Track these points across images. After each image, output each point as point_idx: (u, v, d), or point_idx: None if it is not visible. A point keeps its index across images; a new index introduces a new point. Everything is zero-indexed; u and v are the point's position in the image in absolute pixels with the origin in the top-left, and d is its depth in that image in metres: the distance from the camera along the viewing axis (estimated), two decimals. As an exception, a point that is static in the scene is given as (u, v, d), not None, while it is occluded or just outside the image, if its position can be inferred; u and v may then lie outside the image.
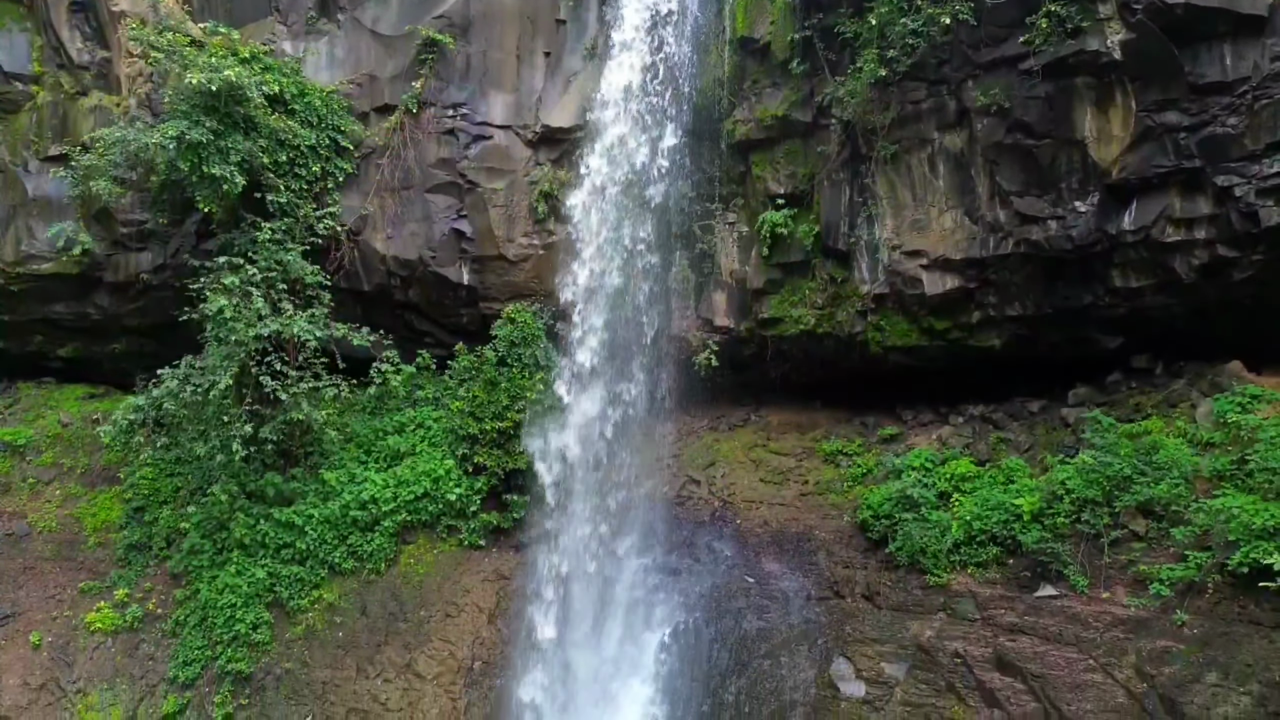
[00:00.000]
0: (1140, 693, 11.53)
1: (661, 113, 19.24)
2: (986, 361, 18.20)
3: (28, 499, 19.47)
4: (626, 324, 19.90)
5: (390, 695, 17.08)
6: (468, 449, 19.12)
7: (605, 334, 19.90)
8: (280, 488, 18.02)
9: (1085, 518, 13.69)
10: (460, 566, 18.71)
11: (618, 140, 19.58)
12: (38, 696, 16.60)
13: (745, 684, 15.74)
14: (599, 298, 19.89)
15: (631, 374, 19.80)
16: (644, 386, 19.83)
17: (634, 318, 19.93)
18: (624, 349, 19.95)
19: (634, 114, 19.48)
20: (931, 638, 14.79)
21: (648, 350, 19.83)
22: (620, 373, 19.93)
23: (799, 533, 18.01)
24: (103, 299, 20.90)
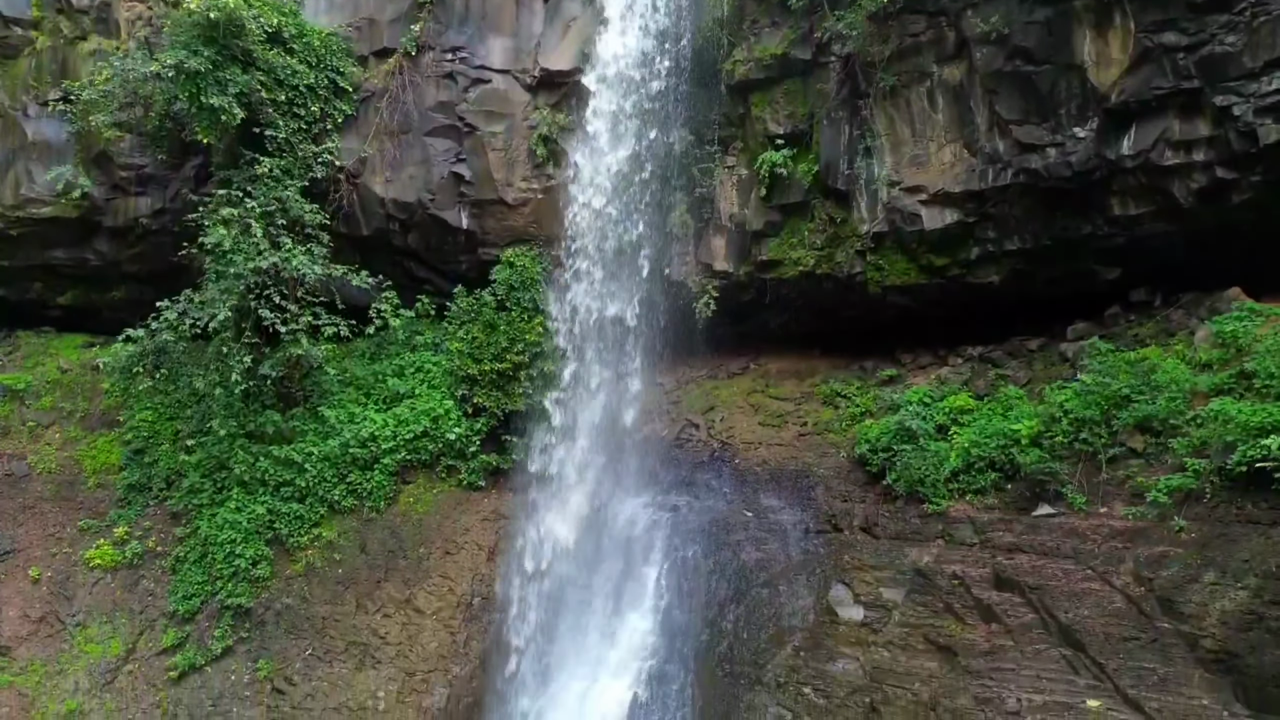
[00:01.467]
0: (1138, 596, 11.56)
1: (660, 55, 19.28)
2: (985, 301, 18.21)
3: (27, 442, 19.48)
4: (624, 267, 19.98)
5: (390, 629, 17.12)
6: (467, 390, 19.15)
7: (603, 277, 20.00)
8: (279, 426, 18.03)
9: (1083, 436, 13.69)
10: (460, 506, 18.75)
11: (617, 84, 19.64)
12: (37, 628, 16.63)
13: (743, 612, 15.77)
14: (597, 242, 19.98)
15: (629, 317, 19.91)
16: (642, 330, 19.93)
17: (632, 261, 20.00)
18: (622, 294, 20.05)
19: (633, 58, 19.54)
20: (930, 562, 14.81)
21: (645, 291, 19.91)
22: (618, 316, 20.03)
23: (797, 470, 18.03)
24: (102, 244, 20.89)
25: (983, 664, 12.47)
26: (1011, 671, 12.10)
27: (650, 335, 19.98)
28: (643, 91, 19.58)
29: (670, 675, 15.79)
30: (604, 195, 19.93)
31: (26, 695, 15.78)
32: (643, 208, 19.90)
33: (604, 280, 20.07)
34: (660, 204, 19.99)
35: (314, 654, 16.85)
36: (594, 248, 20.06)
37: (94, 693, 16.02)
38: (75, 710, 15.65)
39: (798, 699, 13.91)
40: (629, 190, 19.87)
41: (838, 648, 14.43)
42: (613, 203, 19.93)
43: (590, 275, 20.10)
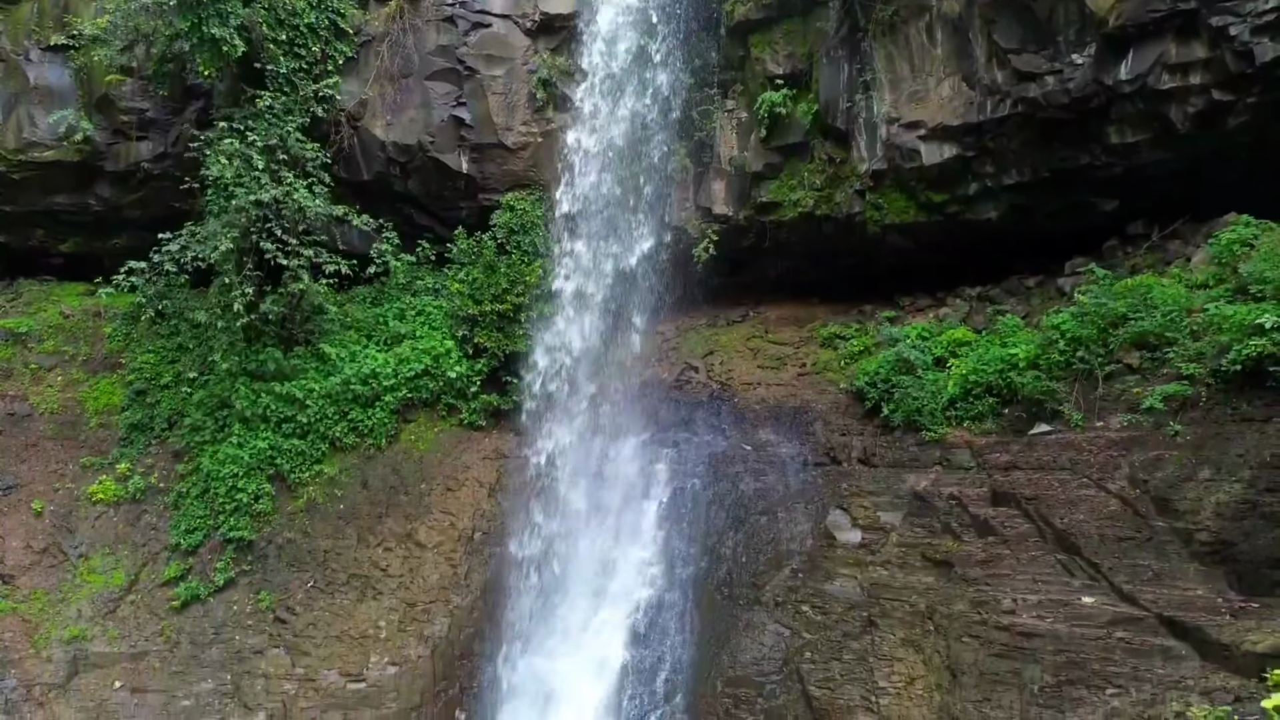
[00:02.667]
0: (1133, 498, 11.64)
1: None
2: (983, 240, 18.28)
3: (29, 383, 19.55)
4: (623, 212, 20.07)
5: (391, 562, 17.22)
6: (468, 330, 19.24)
7: (601, 222, 20.09)
8: (281, 364, 18.10)
9: (1080, 355, 13.77)
10: (461, 445, 18.84)
11: (616, 28, 19.72)
12: (40, 559, 16.72)
13: (741, 539, 15.87)
14: (595, 186, 20.07)
15: (627, 262, 20.00)
16: (641, 275, 20.03)
17: (631, 206, 20.09)
18: (621, 239, 20.13)
19: (632, 1, 19.64)
20: (927, 486, 14.90)
21: (644, 236, 20.00)
22: (616, 261, 20.12)
23: (796, 407, 18.11)
24: (104, 189, 20.96)
25: (979, 572, 12.56)
26: (1007, 577, 12.18)
27: (649, 281, 20.08)
28: (642, 35, 19.66)
29: (669, 603, 15.90)
30: (603, 140, 20.02)
31: (30, 622, 15.87)
32: (642, 152, 19.99)
33: (602, 225, 20.16)
34: (660, 149, 20.08)
35: (315, 586, 16.93)
36: (593, 192, 20.15)
37: (96, 620, 16.11)
38: (78, 636, 15.75)
39: (796, 616, 14.00)
40: (628, 135, 19.94)
41: (835, 569, 14.51)
42: (611, 147, 20.01)
43: (589, 220, 20.19)
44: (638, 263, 20.06)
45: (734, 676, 13.88)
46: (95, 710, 14.94)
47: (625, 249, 20.03)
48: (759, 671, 13.75)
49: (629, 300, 20.04)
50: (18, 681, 14.92)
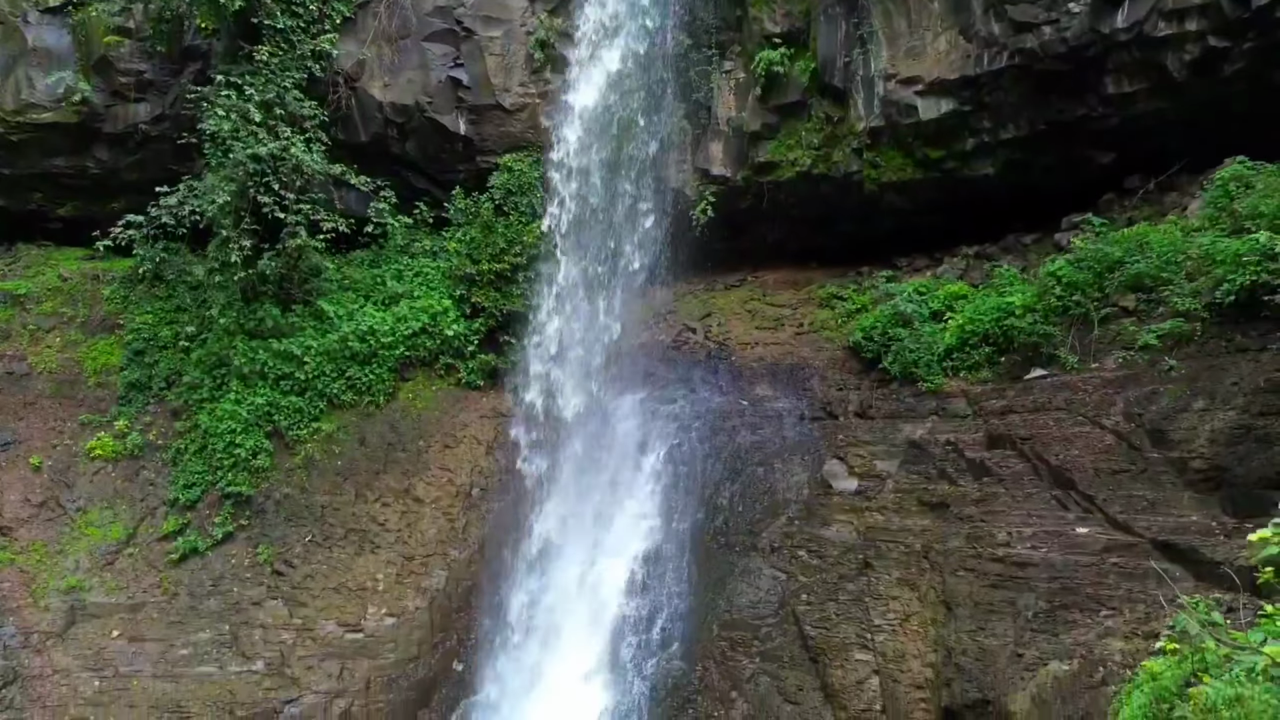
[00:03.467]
0: (1128, 432, 11.67)
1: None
2: (980, 198, 18.27)
3: (28, 344, 19.56)
4: (621, 173, 20.07)
5: (389, 517, 17.25)
6: (465, 290, 19.25)
7: (599, 183, 20.09)
8: (278, 321, 18.11)
9: (1076, 299, 13.78)
10: (459, 403, 18.87)
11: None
12: (38, 512, 16.75)
13: (738, 489, 15.90)
14: (593, 148, 20.07)
15: (624, 223, 20.01)
16: (638, 236, 20.04)
17: (629, 168, 20.09)
18: (619, 200, 20.14)
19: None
20: (923, 435, 14.93)
21: (642, 198, 20.00)
22: (614, 223, 20.13)
23: (793, 364, 18.15)
24: (102, 152, 20.96)
25: (974, 510, 12.59)
26: (1002, 513, 12.21)
27: (647, 242, 20.07)
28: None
29: (667, 554, 15.92)
30: (601, 101, 20.02)
31: (28, 572, 15.90)
32: (639, 114, 19.98)
33: (601, 187, 20.16)
34: (658, 111, 20.08)
35: (314, 540, 16.96)
36: (591, 154, 20.15)
37: (94, 572, 16.14)
38: (76, 587, 15.77)
39: (792, 561, 14.03)
40: (626, 97, 19.94)
41: (832, 515, 14.54)
42: (609, 109, 20.01)
43: (587, 182, 20.19)
44: (634, 223, 20.06)
45: (730, 620, 13.91)
46: (93, 658, 14.97)
47: (622, 210, 20.02)
48: (755, 615, 13.78)
49: (626, 261, 20.04)
50: (16, 629, 14.95)
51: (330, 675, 15.34)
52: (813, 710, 12.21)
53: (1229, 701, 5.51)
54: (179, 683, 14.90)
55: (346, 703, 15.15)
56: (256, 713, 14.73)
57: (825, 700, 12.24)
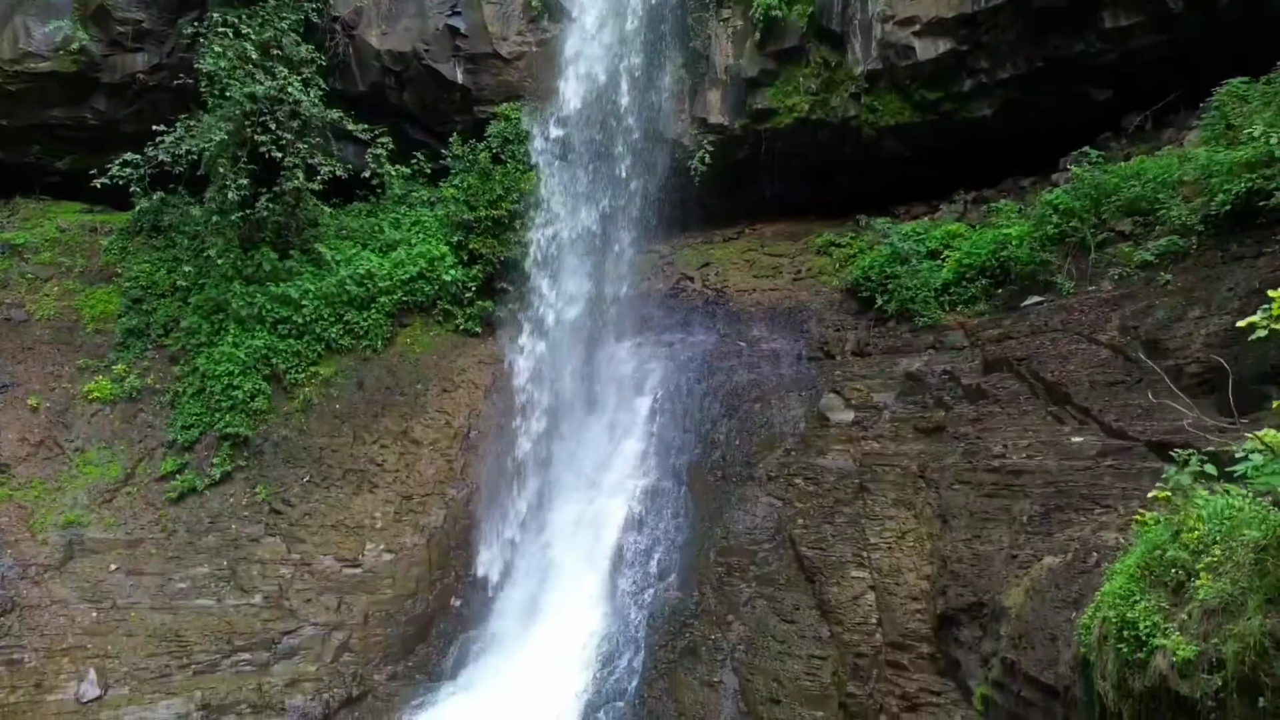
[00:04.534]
0: (1123, 345, 11.69)
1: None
2: (977, 143, 18.29)
3: (26, 292, 19.55)
4: (619, 123, 20.06)
5: (387, 458, 17.26)
6: (462, 236, 19.27)
7: (598, 134, 20.08)
8: (276, 266, 18.12)
9: (1073, 225, 13.82)
10: (456, 349, 18.88)
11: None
12: (36, 451, 16.76)
13: (735, 424, 15.91)
14: (591, 98, 20.06)
15: (622, 171, 20.01)
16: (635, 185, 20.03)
17: (626, 118, 20.08)
18: (616, 150, 20.13)
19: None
20: (920, 367, 14.96)
21: (639, 149, 19.98)
22: (611, 171, 20.13)
23: (791, 307, 18.18)
24: (100, 102, 20.95)
25: (970, 429, 12.61)
26: (998, 430, 12.23)
27: (644, 193, 20.05)
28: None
29: (664, 490, 15.96)
30: (599, 50, 20.01)
31: (26, 508, 15.92)
32: (637, 63, 19.96)
33: (598, 137, 20.15)
34: (656, 59, 20.06)
35: (311, 480, 16.98)
36: (588, 103, 20.14)
37: (93, 508, 16.15)
38: (74, 522, 15.78)
39: (788, 488, 14.03)
40: (623, 45, 19.93)
41: (828, 446, 14.54)
42: (607, 58, 20.00)
43: (583, 132, 20.18)
44: (631, 172, 20.05)
45: (727, 546, 13.92)
46: (91, 590, 14.98)
47: (619, 160, 20.01)
48: (751, 540, 13.79)
49: (623, 209, 20.04)
50: (14, 561, 14.97)
51: (328, 608, 15.37)
52: (809, 627, 12.23)
53: (1219, 514, 5.53)
54: (177, 614, 14.93)
55: (345, 635, 15.17)
56: (255, 642, 14.76)
57: (821, 617, 12.26)
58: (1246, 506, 5.43)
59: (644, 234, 20.36)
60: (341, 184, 19.89)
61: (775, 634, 12.49)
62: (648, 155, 20.15)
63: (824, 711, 11.46)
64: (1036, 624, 8.85)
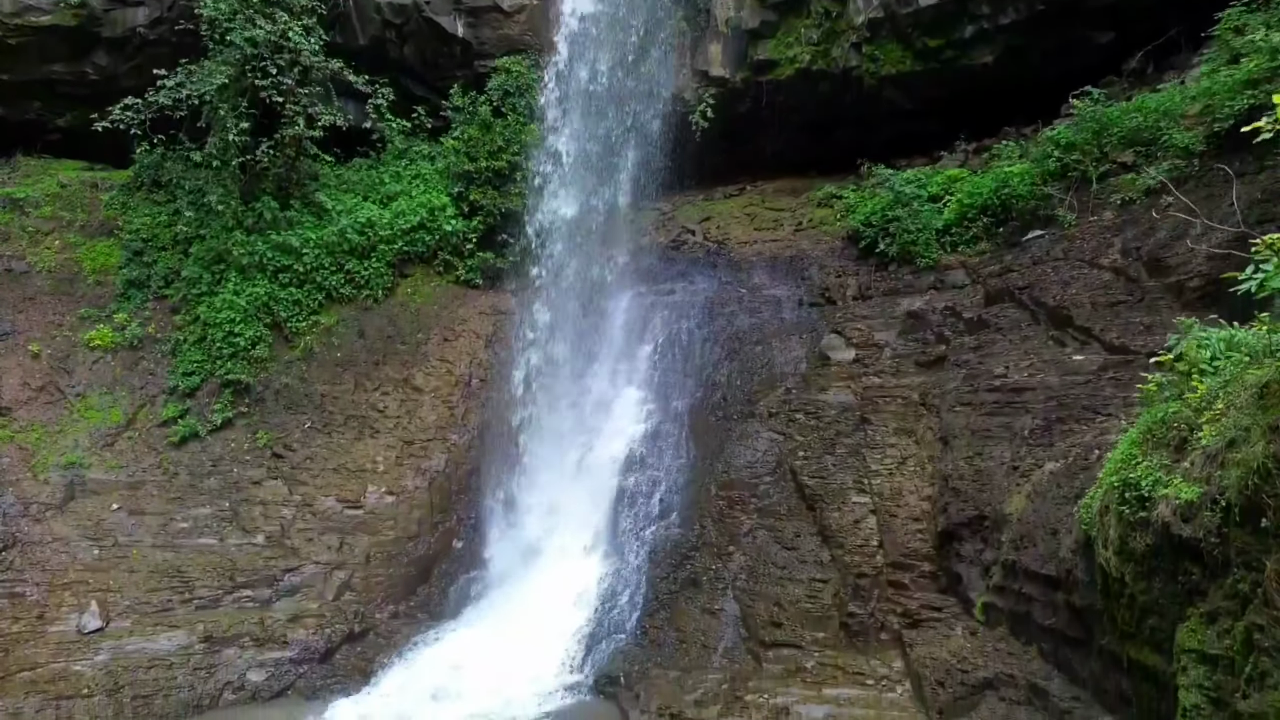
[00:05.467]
0: (1125, 266, 11.68)
1: None
2: (979, 91, 18.29)
3: (27, 245, 19.51)
4: (619, 76, 20.04)
5: (388, 405, 17.26)
6: (463, 187, 19.25)
7: (598, 87, 20.05)
8: (276, 214, 18.10)
9: (1074, 158, 13.81)
10: (457, 300, 18.87)
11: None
12: (37, 395, 16.74)
13: (736, 366, 15.92)
14: (592, 50, 20.04)
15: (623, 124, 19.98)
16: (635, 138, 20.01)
17: (627, 71, 20.06)
18: (617, 103, 20.11)
19: None
20: (921, 306, 14.96)
21: (640, 100, 19.96)
22: (611, 126, 20.10)
23: (792, 256, 18.17)
24: (100, 57, 20.93)
25: (971, 356, 12.61)
26: (1000, 355, 12.24)
27: (644, 146, 20.02)
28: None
29: (665, 432, 15.96)
30: (599, 3, 19.99)
31: (27, 450, 15.91)
32: (637, 16, 19.94)
33: (599, 92, 20.13)
34: (656, 12, 20.03)
35: (313, 426, 16.97)
36: (589, 56, 20.12)
37: (94, 451, 16.15)
38: (75, 463, 15.77)
39: (789, 424, 14.05)
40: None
41: (829, 383, 14.56)
42: (607, 11, 19.98)
43: (584, 87, 20.16)
44: (632, 124, 20.03)
45: (728, 480, 13.93)
46: (93, 528, 14.98)
47: (619, 113, 19.99)
48: (753, 474, 13.80)
49: (622, 158, 20.00)
50: (15, 499, 14.96)
51: (330, 548, 15.37)
52: (810, 552, 12.24)
53: (1221, 343, 5.53)
54: (179, 552, 14.92)
55: (346, 574, 15.16)
56: (256, 579, 14.75)
57: (823, 543, 12.26)
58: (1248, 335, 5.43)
59: (644, 190, 20.34)
60: (343, 139, 19.92)
61: (776, 561, 12.50)
62: (648, 110, 20.11)
63: (825, 632, 11.47)
64: (1038, 522, 8.86)
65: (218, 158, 17.17)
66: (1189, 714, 5.53)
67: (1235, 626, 5.23)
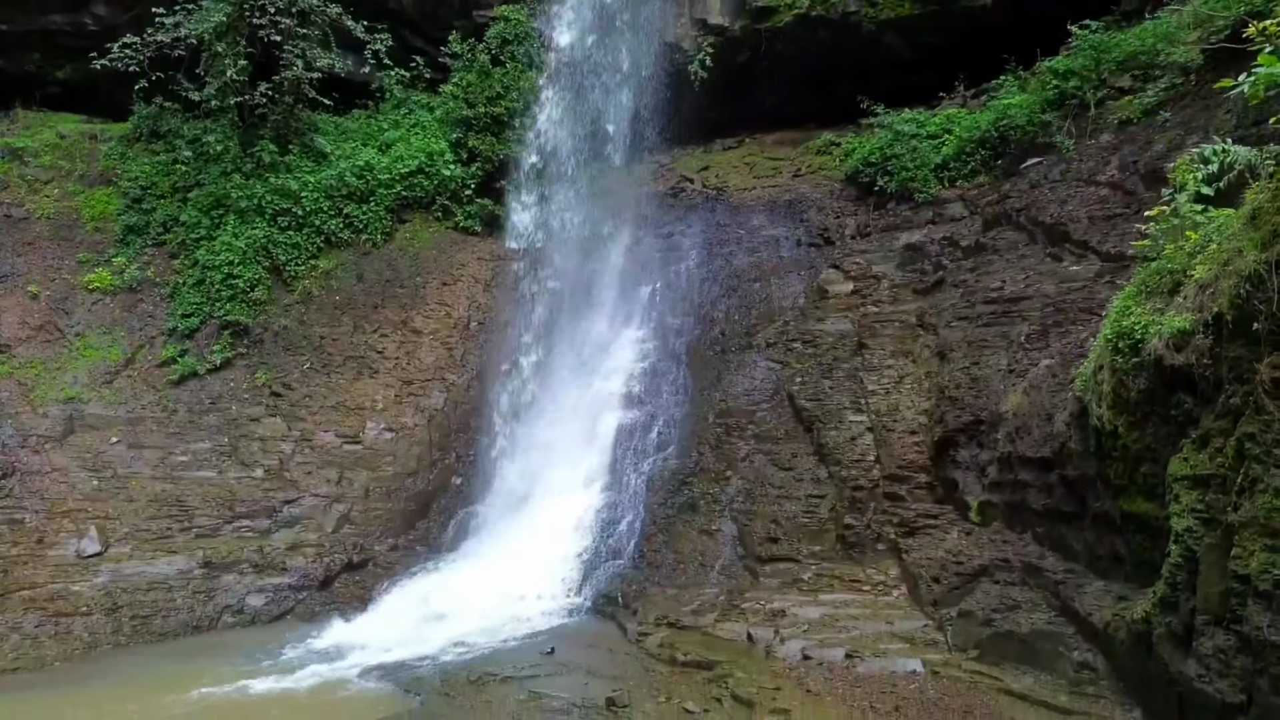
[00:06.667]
0: (1122, 180, 11.69)
1: None
2: (978, 32, 18.21)
3: (26, 193, 19.48)
4: (617, 24, 20.02)
5: (387, 346, 17.29)
6: (461, 133, 19.24)
7: (596, 36, 20.04)
8: (275, 157, 18.10)
9: (1072, 85, 13.78)
10: (456, 246, 18.88)
11: None
12: (36, 334, 16.77)
13: (734, 302, 15.93)
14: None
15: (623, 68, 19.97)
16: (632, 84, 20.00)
17: (626, 18, 20.04)
18: (616, 52, 20.10)
19: None
20: (920, 239, 14.96)
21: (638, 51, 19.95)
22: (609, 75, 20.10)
23: (791, 199, 18.15)
24: (99, 8, 20.86)
25: (969, 277, 12.63)
26: (996, 272, 12.25)
27: (642, 97, 20.00)
28: None
29: (663, 370, 15.98)
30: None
31: (26, 384, 15.94)
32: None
33: (598, 38, 20.12)
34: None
35: (312, 366, 17.00)
36: (587, 5, 20.12)
37: (93, 388, 16.18)
38: (74, 398, 15.80)
39: (787, 352, 14.07)
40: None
41: (827, 314, 14.58)
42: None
43: (581, 36, 20.14)
44: (630, 81, 20.01)
45: (725, 408, 13.96)
46: (92, 460, 15.02)
47: (618, 59, 19.98)
48: (750, 401, 13.82)
49: (623, 120, 20.00)
50: (15, 430, 14.99)
51: (329, 481, 15.41)
52: (807, 471, 12.26)
53: (1217, 157, 5.54)
54: (178, 484, 14.96)
55: (345, 507, 15.21)
56: (255, 509, 14.80)
57: (819, 461, 12.29)
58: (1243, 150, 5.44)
59: (643, 142, 20.33)
60: (342, 88, 19.89)
61: (773, 481, 12.53)
62: (646, 60, 20.10)
63: (822, 545, 11.50)
64: (1033, 412, 8.88)
65: (216, 98, 17.15)
66: (1181, 539, 5.55)
67: (1226, 445, 5.25)
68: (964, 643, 8.33)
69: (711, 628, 10.41)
